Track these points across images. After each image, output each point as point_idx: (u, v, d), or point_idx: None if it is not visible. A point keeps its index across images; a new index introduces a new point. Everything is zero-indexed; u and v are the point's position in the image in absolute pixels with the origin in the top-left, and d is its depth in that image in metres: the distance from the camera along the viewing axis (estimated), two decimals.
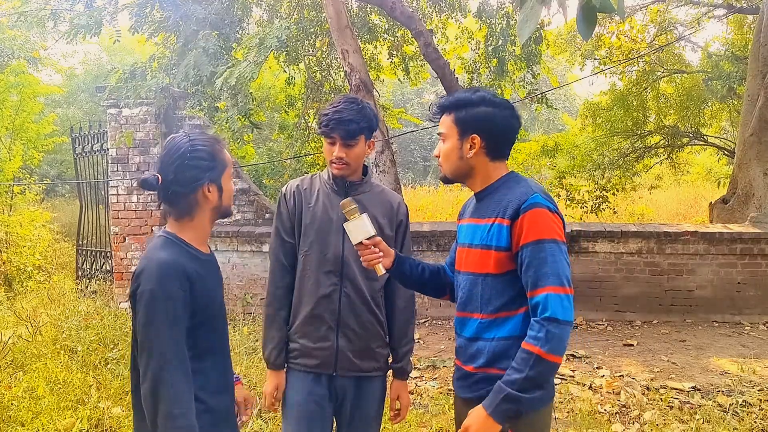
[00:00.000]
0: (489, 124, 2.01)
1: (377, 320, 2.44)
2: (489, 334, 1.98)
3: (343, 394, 2.39)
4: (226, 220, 8.00)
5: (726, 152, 13.89)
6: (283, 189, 2.48)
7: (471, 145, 2.02)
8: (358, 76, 8.40)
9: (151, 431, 1.80)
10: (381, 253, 2.13)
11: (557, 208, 1.96)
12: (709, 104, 13.75)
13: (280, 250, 2.43)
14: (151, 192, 2.04)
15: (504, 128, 2.03)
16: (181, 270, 1.81)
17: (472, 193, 2.15)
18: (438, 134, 2.11)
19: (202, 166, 1.88)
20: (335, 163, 2.36)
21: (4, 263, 9.25)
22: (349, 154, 2.35)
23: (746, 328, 6.71)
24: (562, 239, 1.90)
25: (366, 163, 2.51)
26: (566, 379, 5.08)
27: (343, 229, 2.26)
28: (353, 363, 2.37)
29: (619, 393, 4.73)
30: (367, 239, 2.11)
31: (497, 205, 1.97)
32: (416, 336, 6.51)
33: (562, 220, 1.97)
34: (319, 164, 11.65)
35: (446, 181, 2.15)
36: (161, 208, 1.97)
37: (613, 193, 12.39)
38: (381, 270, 2.14)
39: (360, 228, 2.12)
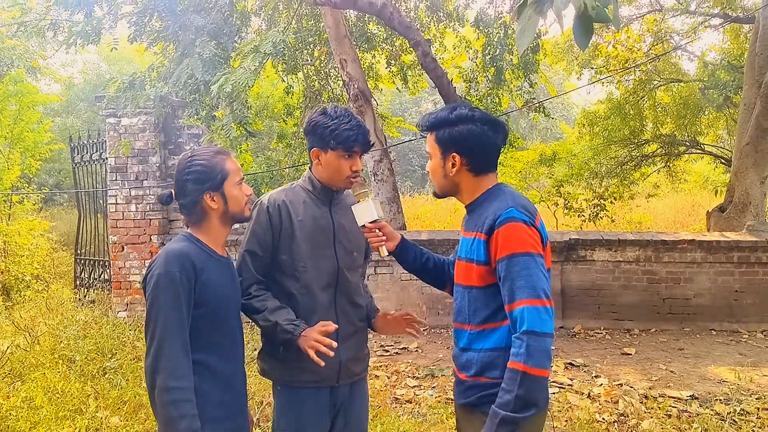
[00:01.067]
0: (467, 142, 2.03)
1: (365, 325, 2.50)
2: (477, 345, 2.01)
3: (340, 403, 2.40)
4: None
5: (723, 161, 13.95)
6: (264, 201, 2.34)
7: (453, 163, 2.05)
8: (356, 86, 8.45)
9: (152, 405, 1.92)
10: (384, 237, 2.27)
11: (534, 221, 1.95)
12: (706, 113, 13.84)
13: (251, 264, 2.30)
14: (165, 204, 2.23)
15: (484, 144, 2.04)
16: (187, 258, 1.98)
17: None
18: (426, 152, 2.17)
19: (199, 179, 2.06)
20: (353, 176, 2.33)
21: (2, 272, 9.24)
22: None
23: (744, 336, 6.72)
24: (537, 252, 1.90)
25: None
26: (564, 388, 5.08)
27: (335, 238, 2.35)
28: (351, 370, 2.40)
29: (617, 401, 4.73)
30: (371, 222, 2.24)
31: (478, 219, 2.01)
32: (415, 345, 6.52)
33: (541, 231, 1.97)
34: None
35: (437, 196, 2.22)
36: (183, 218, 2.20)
37: (611, 202, 12.42)
38: (384, 252, 2.28)
39: (365, 211, 2.25)
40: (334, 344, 2.17)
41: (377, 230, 2.26)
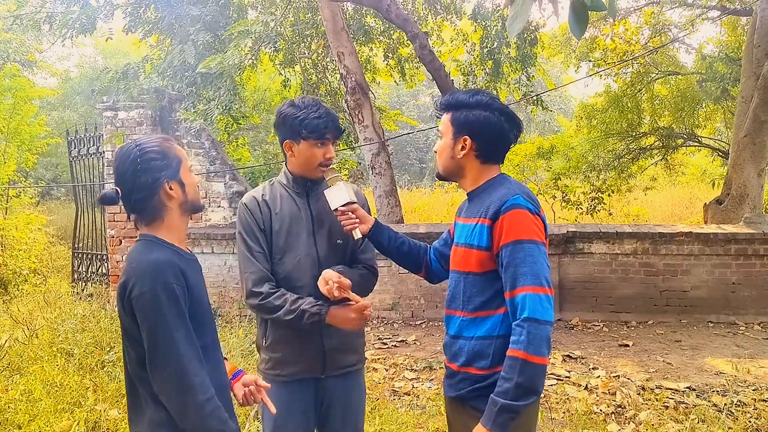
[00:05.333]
0: (481, 128, 2.03)
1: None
2: (469, 333, 2.01)
3: (330, 396, 2.37)
4: (222, 222, 8.00)
5: (720, 153, 13.97)
6: (244, 201, 2.36)
7: (462, 146, 2.06)
8: (353, 79, 8.42)
9: (179, 424, 1.80)
10: (357, 220, 2.29)
11: (539, 210, 1.98)
12: (704, 105, 13.83)
13: (258, 261, 2.28)
14: (110, 205, 2.01)
15: (497, 133, 2.05)
16: (176, 267, 1.82)
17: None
18: (438, 130, 2.17)
19: (156, 167, 1.87)
20: (326, 165, 2.33)
21: None
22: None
23: (741, 328, 6.74)
24: (541, 240, 1.92)
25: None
26: (562, 380, 5.09)
27: (314, 229, 2.34)
28: (339, 361, 2.37)
29: (614, 393, 4.74)
30: (343, 206, 2.27)
31: (481, 206, 2.01)
32: (413, 337, 6.53)
33: (544, 222, 1.99)
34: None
35: (440, 177, 2.21)
36: (131, 218, 1.97)
37: (609, 195, 12.43)
38: (357, 234, 2.30)
39: (337, 195, 2.28)
40: (368, 303, 2.21)
41: (350, 213, 2.28)
